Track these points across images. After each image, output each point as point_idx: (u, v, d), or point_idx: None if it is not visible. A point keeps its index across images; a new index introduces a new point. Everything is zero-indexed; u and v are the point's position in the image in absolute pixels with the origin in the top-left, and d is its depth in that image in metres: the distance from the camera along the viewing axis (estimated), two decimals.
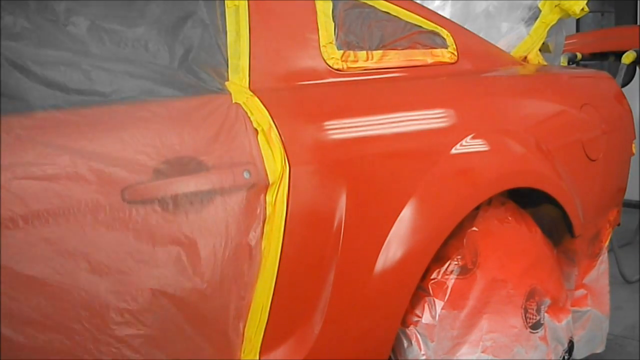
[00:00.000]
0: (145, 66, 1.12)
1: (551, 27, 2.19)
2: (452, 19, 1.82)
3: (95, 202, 0.98)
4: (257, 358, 1.18)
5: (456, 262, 1.47)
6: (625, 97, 2.19)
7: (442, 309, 1.43)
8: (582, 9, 2.15)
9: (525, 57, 2.14)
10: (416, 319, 1.43)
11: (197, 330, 1.09)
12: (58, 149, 0.97)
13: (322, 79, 1.38)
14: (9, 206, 0.91)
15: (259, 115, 1.19)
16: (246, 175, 1.13)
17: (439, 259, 1.46)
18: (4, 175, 0.92)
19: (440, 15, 1.74)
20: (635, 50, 3.25)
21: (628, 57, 3.26)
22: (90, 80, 1.04)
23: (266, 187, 1.16)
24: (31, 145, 0.95)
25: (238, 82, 1.23)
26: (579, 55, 3.51)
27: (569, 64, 3.44)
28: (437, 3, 2.49)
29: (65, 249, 0.95)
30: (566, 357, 1.74)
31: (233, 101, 1.18)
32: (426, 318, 1.42)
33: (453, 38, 1.67)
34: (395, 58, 1.53)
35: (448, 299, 1.44)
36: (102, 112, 1.03)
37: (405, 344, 1.42)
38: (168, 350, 1.06)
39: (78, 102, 1.02)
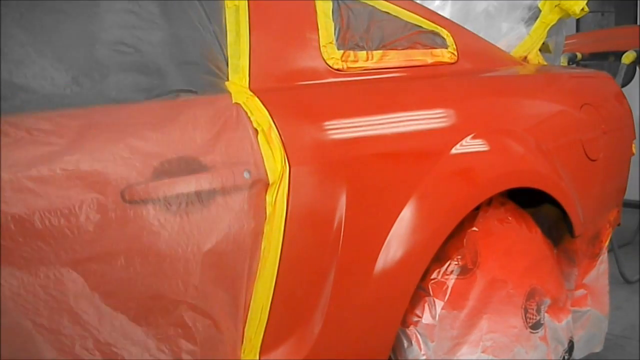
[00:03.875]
0: (145, 65, 1.12)
1: (551, 27, 2.19)
2: (452, 19, 1.82)
3: (95, 202, 0.98)
4: (257, 358, 1.18)
5: (456, 262, 1.47)
6: (625, 97, 2.19)
7: (442, 309, 1.43)
8: (582, 9, 2.15)
9: (525, 57, 2.14)
10: (416, 319, 1.43)
11: (196, 329, 1.09)
12: (58, 148, 0.97)
13: (322, 79, 1.38)
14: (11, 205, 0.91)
15: (259, 115, 1.19)
16: (246, 175, 1.13)
17: (439, 259, 1.46)
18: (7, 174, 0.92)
19: (440, 15, 1.74)
20: (635, 50, 3.25)
21: (628, 57, 3.26)
22: (90, 79, 1.04)
23: (266, 187, 1.16)
24: (31, 145, 0.95)
25: (238, 82, 1.23)
26: (579, 55, 3.51)
27: (569, 64, 3.44)
28: (437, 3, 2.49)
29: (65, 249, 0.95)
30: (566, 357, 1.74)
31: (233, 101, 1.18)
32: (426, 318, 1.42)
33: (453, 38, 1.67)
34: (395, 58, 1.53)
35: (448, 299, 1.44)
36: (101, 112, 1.03)
37: (405, 344, 1.42)
38: (166, 348, 1.06)
39: (79, 101, 1.02)
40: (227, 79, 1.22)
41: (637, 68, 3.64)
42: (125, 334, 1.02)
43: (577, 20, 5.24)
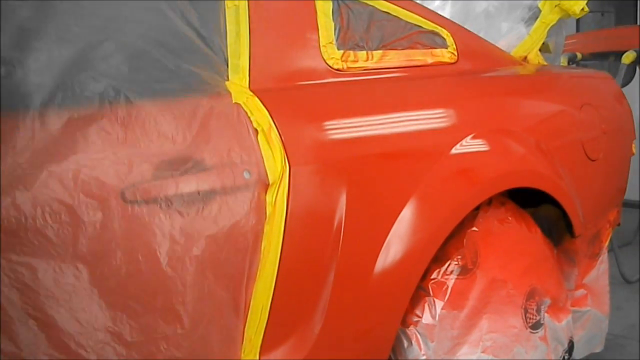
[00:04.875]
0: (145, 66, 1.12)
1: (551, 27, 2.19)
2: (452, 19, 1.82)
3: (95, 202, 0.98)
4: (257, 358, 1.18)
5: (456, 262, 1.47)
6: (625, 97, 2.19)
7: (442, 309, 1.43)
8: (582, 9, 2.15)
9: (525, 57, 2.14)
10: (416, 319, 1.43)
11: (196, 329, 1.09)
12: (58, 148, 0.97)
13: (322, 79, 1.38)
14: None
15: (259, 115, 1.19)
16: (246, 175, 1.13)
17: (439, 259, 1.46)
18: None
19: (440, 15, 1.74)
20: (635, 50, 3.25)
21: (628, 57, 3.26)
22: (91, 80, 1.04)
23: (266, 187, 1.16)
24: (31, 144, 0.95)
25: (238, 82, 1.23)
26: (579, 55, 3.51)
27: (569, 64, 3.44)
28: (437, 3, 2.49)
29: (66, 249, 0.96)
30: (566, 357, 1.74)
31: (233, 101, 1.18)
32: (426, 318, 1.42)
33: (453, 38, 1.67)
34: (395, 58, 1.53)
35: (448, 299, 1.44)
36: (102, 112, 1.03)
37: (405, 344, 1.42)
38: (166, 349, 1.06)
39: (79, 102, 1.02)
40: (227, 79, 1.22)
41: (637, 68, 3.63)
42: (123, 331, 1.02)
43: (577, 20, 5.24)
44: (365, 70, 1.46)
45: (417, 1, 1.69)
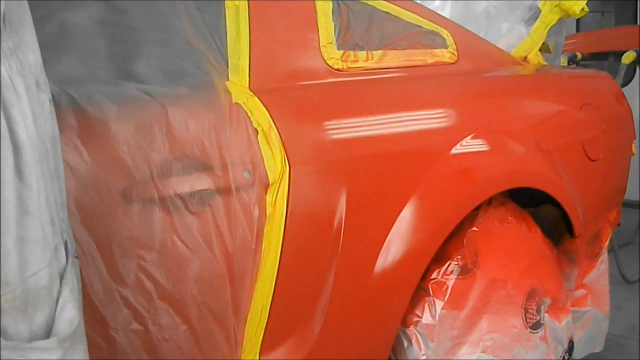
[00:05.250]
0: (145, 66, 1.12)
1: (551, 27, 2.19)
2: (452, 19, 1.82)
3: (95, 202, 0.98)
4: (257, 358, 1.18)
5: (456, 262, 1.47)
6: (625, 97, 2.19)
7: (442, 309, 1.43)
8: (582, 9, 2.16)
9: (525, 57, 2.14)
10: (416, 319, 1.43)
11: (197, 329, 1.09)
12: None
13: (322, 79, 1.38)
14: None
15: (259, 115, 1.19)
16: (246, 175, 1.13)
17: (439, 259, 1.46)
18: None
19: (440, 15, 1.74)
20: (635, 50, 3.25)
21: (628, 57, 3.26)
22: (92, 80, 1.04)
23: (266, 187, 1.15)
24: None
25: (238, 82, 1.23)
26: (579, 55, 3.51)
27: (569, 64, 3.44)
28: (437, 3, 2.49)
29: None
30: (566, 357, 1.74)
31: (233, 101, 1.18)
32: (426, 318, 1.42)
33: (453, 38, 1.67)
34: (395, 58, 1.53)
35: (448, 299, 1.44)
36: (102, 112, 1.03)
37: (405, 344, 1.42)
38: (167, 348, 1.06)
39: (80, 101, 1.02)
40: (227, 79, 1.22)
41: (637, 68, 3.63)
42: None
43: (577, 20, 5.24)
44: (365, 70, 1.46)
45: (417, 1, 1.69)
